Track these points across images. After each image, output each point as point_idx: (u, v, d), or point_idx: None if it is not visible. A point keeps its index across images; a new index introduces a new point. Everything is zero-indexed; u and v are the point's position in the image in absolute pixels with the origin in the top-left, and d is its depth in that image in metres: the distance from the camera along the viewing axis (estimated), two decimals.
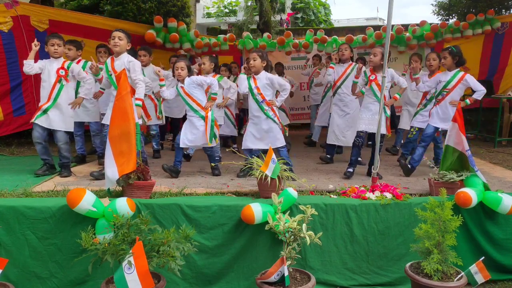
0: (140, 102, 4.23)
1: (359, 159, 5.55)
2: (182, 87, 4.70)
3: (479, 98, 4.82)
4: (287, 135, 4.83)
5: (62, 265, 3.23)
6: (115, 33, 4.31)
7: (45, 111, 4.46)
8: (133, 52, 5.15)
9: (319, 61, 7.59)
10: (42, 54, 5.74)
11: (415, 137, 5.34)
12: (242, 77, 4.71)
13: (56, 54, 4.52)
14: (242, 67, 4.84)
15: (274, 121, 4.63)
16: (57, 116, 4.50)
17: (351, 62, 5.68)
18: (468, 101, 4.84)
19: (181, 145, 4.69)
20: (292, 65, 9.06)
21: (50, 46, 4.50)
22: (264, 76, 4.62)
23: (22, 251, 3.22)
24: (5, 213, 3.20)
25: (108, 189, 3.54)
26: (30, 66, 4.42)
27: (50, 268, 3.24)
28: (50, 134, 4.64)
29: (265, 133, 4.65)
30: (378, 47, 4.90)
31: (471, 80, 4.75)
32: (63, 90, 4.51)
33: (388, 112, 4.77)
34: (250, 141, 4.71)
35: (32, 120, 4.47)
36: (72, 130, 4.71)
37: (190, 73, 4.72)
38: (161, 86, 4.93)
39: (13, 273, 3.19)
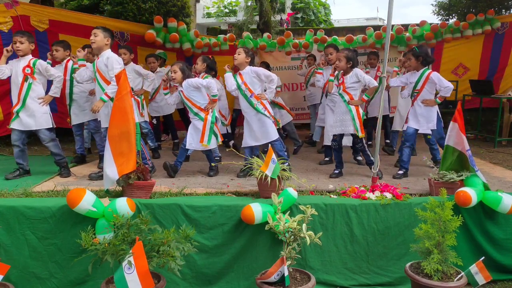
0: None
1: (359, 158, 5.55)
2: (181, 91, 4.70)
3: (447, 95, 4.81)
4: (280, 127, 4.82)
5: (62, 265, 3.23)
6: (92, 31, 4.26)
7: (17, 114, 4.38)
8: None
9: (313, 60, 7.57)
10: (42, 55, 5.74)
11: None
12: (228, 75, 4.73)
13: (19, 52, 4.40)
14: (226, 66, 4.84)
15: (265, 115, 4.65)
16: (30, 117, 4.41)
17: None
18: (438, 100, 4.83)
19: (187, 147, 4.69)
20: (292, 65, 9.04)
21: (13, 44, 4.38)
22: (249, 70, 4.67)
23: (22, 252, 3.22)
24: (5, 213, 3.21)
25: (107, 189, 3.54)
26: (1, 71, 4.36)
27: (50, 269, 3.24)
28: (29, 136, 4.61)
29: (258, 128, 4.67)
30: (341, 52, 4.81)
31: (437, 78, 4.74)
32: (31, 89, 4.41)
33: (354, 113, 4.68)
34: (249, 139, 4.75)
35: (9, 126, 4.42)
36: (51, 126, 4.54)
37: (186, 75, 4.69)
38: (165, 94, 4.93)
39: (13, 274, 3.19)
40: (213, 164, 4.80)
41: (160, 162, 5.45)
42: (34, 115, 4.43)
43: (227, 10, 22.11)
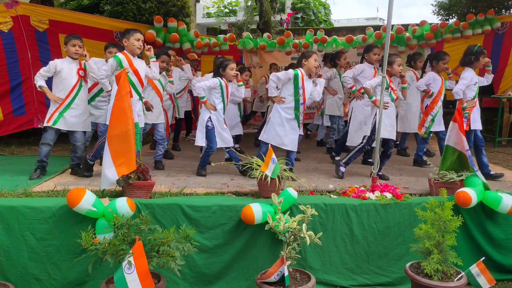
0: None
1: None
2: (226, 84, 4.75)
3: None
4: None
5: (60, 266, 3.23)
6: (140, 35, 4.26)
7: (61, 113, 4.39)
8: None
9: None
10: (42, 55, 5.73)
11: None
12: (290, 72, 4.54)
13: (76, 55, 4.44)
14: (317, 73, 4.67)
15: (299, 126, 4.59)
16: (76, 117, 4.46)
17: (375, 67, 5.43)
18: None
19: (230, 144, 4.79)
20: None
21: (71, 46, 4.42)
22: (309, 80, 4.55)
23: (21, 252, 3.21)
24: (5, 213, 3.20)
25: (103, 190, 3.54)
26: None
27: (48, 270, 3.23)
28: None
29: (288, 134, 4.54)
30: (399, 57, 4.71)
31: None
32: (82, 90, 4.50)
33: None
34: (272, 137, 4.57)
35: (50, 124, 4.37)
36: (89, 129, 4.70)
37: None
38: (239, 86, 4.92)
39: (13, 274, 3.19)
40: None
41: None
42: (82, 116, 4.51)
43: (227, 10, 22.11)
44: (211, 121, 4.65)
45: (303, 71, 4.51)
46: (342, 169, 4.69)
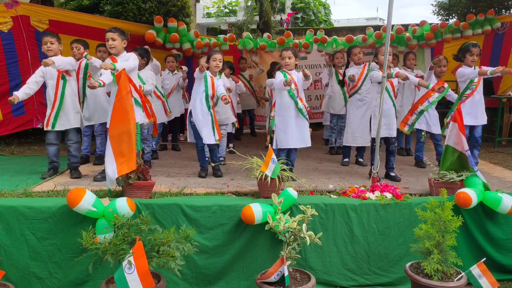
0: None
1: (360, 160, 5.53)
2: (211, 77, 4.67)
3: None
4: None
5: (61, 265, 3.24)
6: (108, 34, 4.20)
7: (57, 115, 4.40)
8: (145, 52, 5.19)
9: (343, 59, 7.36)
10: (42, 55, 5.72)
11: (425, 140, 5.37)
12: (278, 73, 4.58)
13: (50, 52, 4.40)
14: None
15: (306, 118, 4.51)
16: (68, 115, 4.45)
17: (365, 62, 5.46)
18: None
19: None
20: None
21: (43, 44, 4.42)
22: (296, 72, 4.57)
23: (21, 252, 3.22)
24: (5, 213, 3.20)
25: (109, 189, 3.54)
26: (37, 84, 4.39)
27: (49, 269, 3.24)
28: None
29: (297, 130, 4.46)
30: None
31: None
32: (67, 86, 4.44)
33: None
34: (288, 140, 4.48)
35: (49, 129, 4.40)
36: (79, 125, 4.66)
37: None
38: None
39: (13, 274, 3.19)
40: (213, 164, 4.77)
41: (158, 163, 5.46)
42: (71, 113, 4.48)
43: (227, 10, 22.09)
44: (192, 117, 4.67)
45: (286, 70, 4.58)
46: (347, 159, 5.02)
